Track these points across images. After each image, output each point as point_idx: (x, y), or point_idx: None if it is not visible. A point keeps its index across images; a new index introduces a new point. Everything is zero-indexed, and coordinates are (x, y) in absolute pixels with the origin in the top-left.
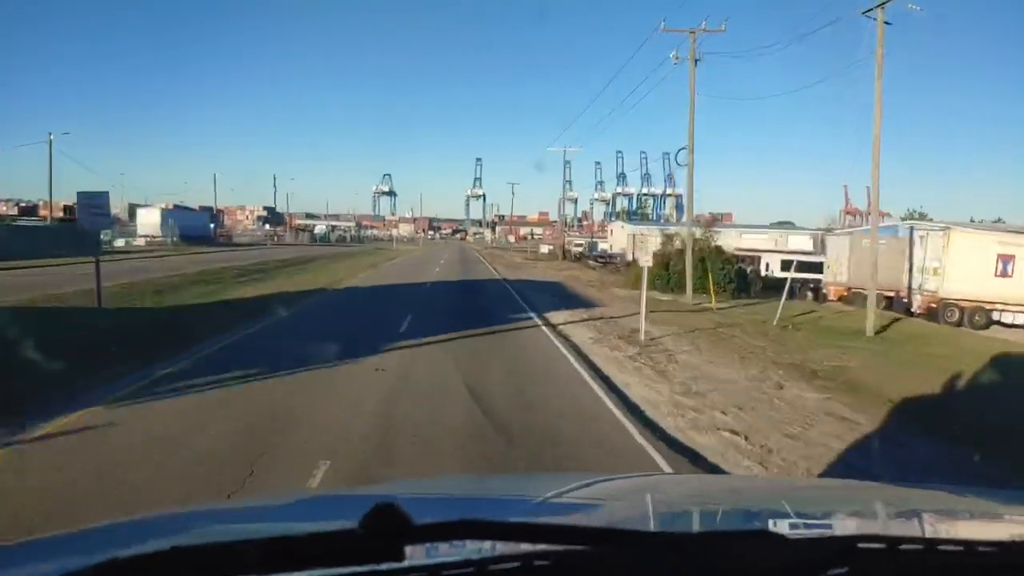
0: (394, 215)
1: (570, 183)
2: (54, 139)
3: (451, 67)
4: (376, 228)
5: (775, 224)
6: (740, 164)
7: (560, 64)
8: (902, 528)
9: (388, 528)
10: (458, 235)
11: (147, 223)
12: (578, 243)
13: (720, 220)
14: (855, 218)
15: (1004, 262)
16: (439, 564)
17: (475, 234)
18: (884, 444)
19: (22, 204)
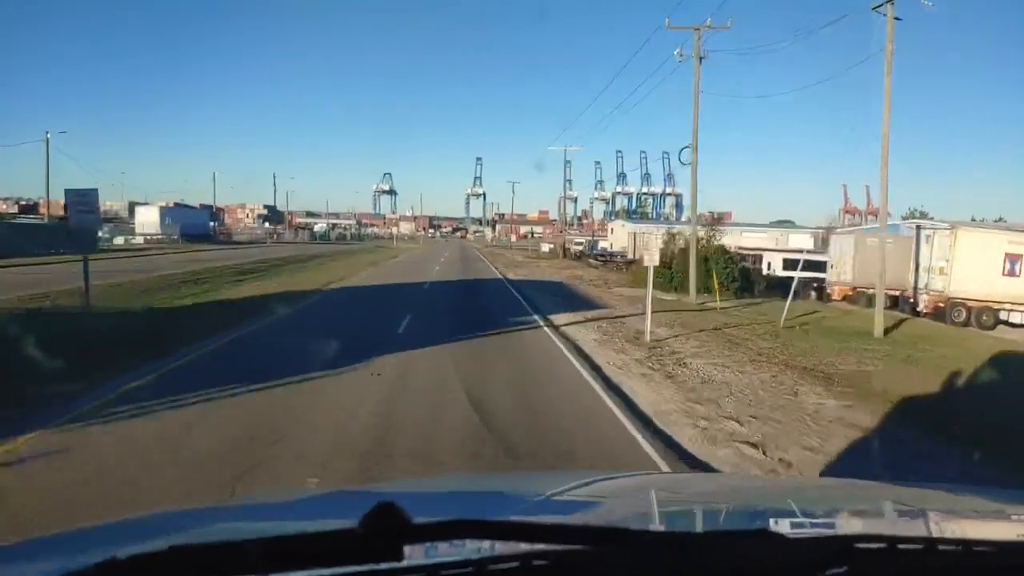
0: (395, 213)
1: (570, 182)
2: (54, 138)
3: (451, 66)
4: (376, 226)
5: (774, 223)
6: (738, 163)
7: (560, 64)
8: (901, 528)
9: (387, 527)
10: (458, 233)
11: (146, 221)
12: (578, 241)
13: (722, 219)
14: (854, 217)
15: (1012, 261)
16: (438, 564)
17: (475, 232)
18: (919, 461)
19: (22, 202)
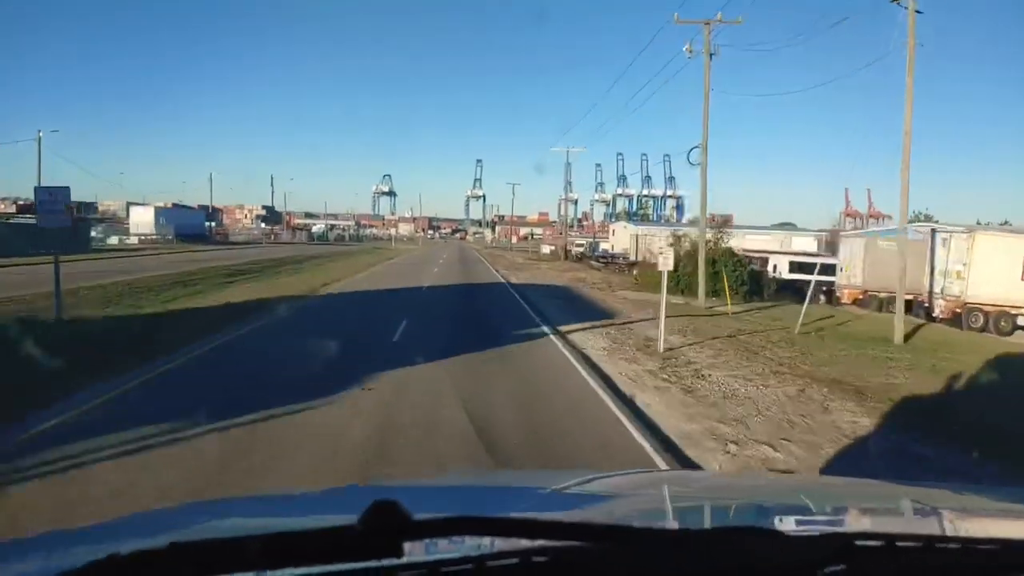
0: (394, 215)
1: (570, 184)
2: (53, 139)
3: (451, 68)
4: (376, 228)
5: (776, 225)
6: (738, 165)
7: (561, 66)
8: (901, 526)
9: (387, 524)
10: (458, 235)
11: (141, 221)
12: (579, 243)
13: (729, 222)
14: (855, 220)
15: None
16: (438, 560)
17: (475, 234)
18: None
19: (20, 202)
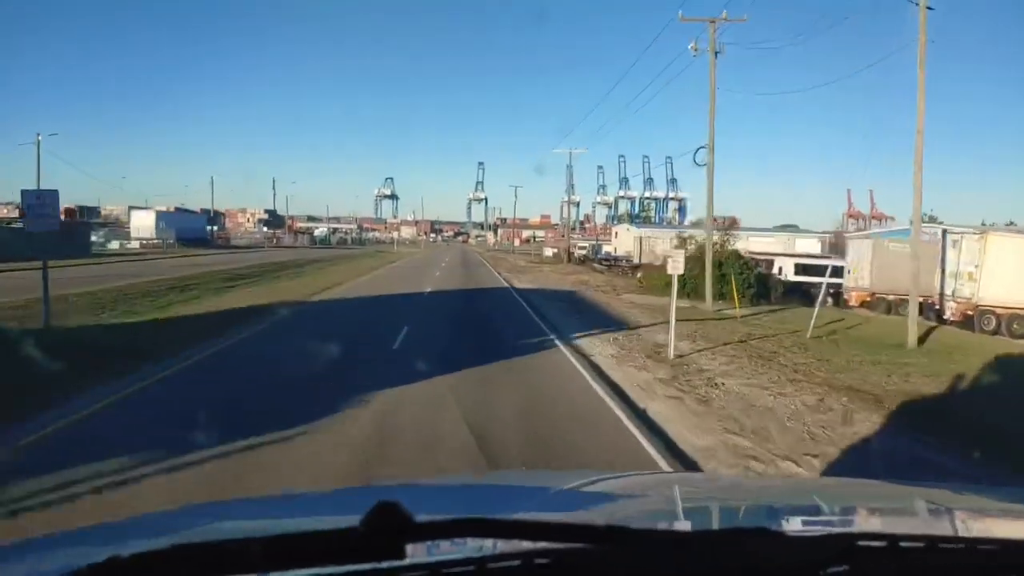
0: (396, 218)
1: (572, 186)
2: (56, 143)
3: (453, 70)
4: (378, 231)
5: (778, 227)
6: (739, 167)
7: (562, 68)
8: (903, 526)
9: (389, 526)
10: (460, 238)
11: (142, 225)
12: (582, 246)
13: (735, 224)
14: (858, 221)
15: None
16: (440, 562)
17: (477, 237)
18: None
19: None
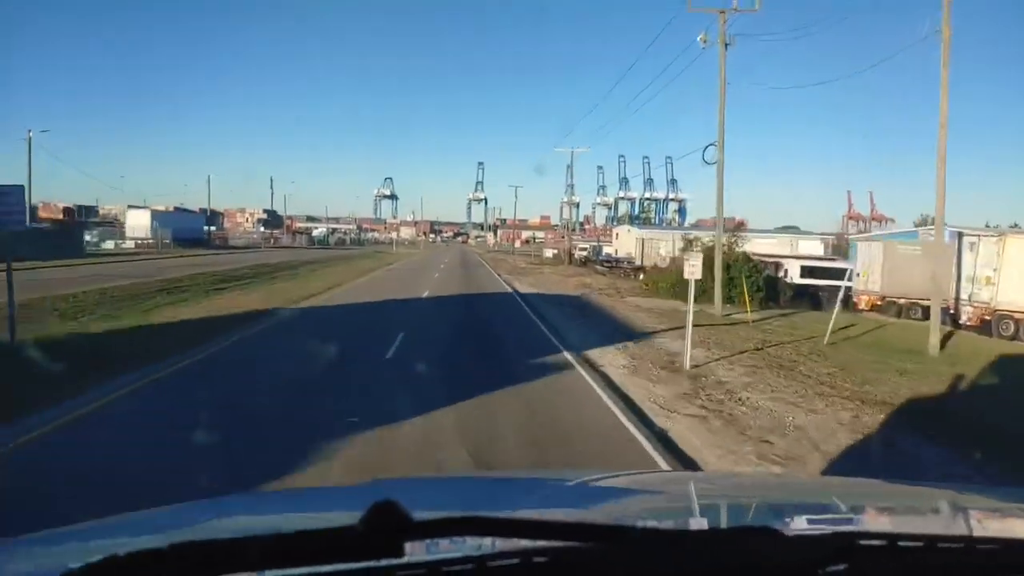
0: (395, 218)
1: (572, 187)
2: (54, 142)
3: (453, 69)
4: (377, 231)
5: (779, 229)
6: (740, 168)
7: (562, 68)
8: (902, 525)
9: (388, 524)
10: (460, 238)
11: (137, 225)
12: (582, 247)
13: (742, 225)
14: (858, 223)
15: None
16: (439, 560)
17: (477, 237)
18: None
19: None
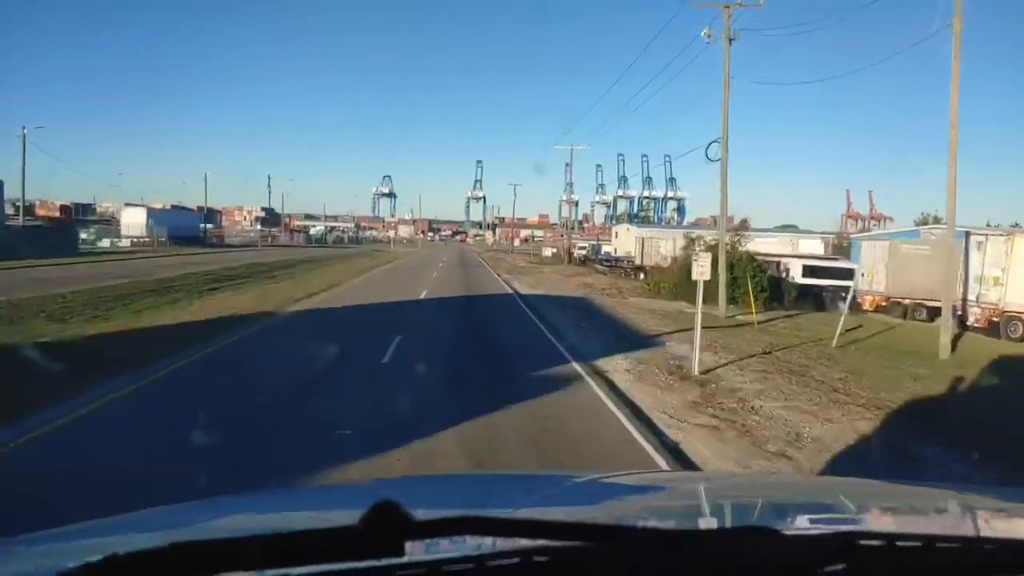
0: (394, 217)
1: (571, 185)
2: (52, 140)
3: (452, 67)
4: (375, 229)
5: (778, 228)
6: (740, 166)
7: (562, 66)
8: (901, 525)
9: (388, 524)
10: (458, 237)
11: (132, 223)
12: (582, 246)
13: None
14: (857, 222)
15: None
16: (439, 560)
17: (475, 236)
18: None
19: (16, 204)
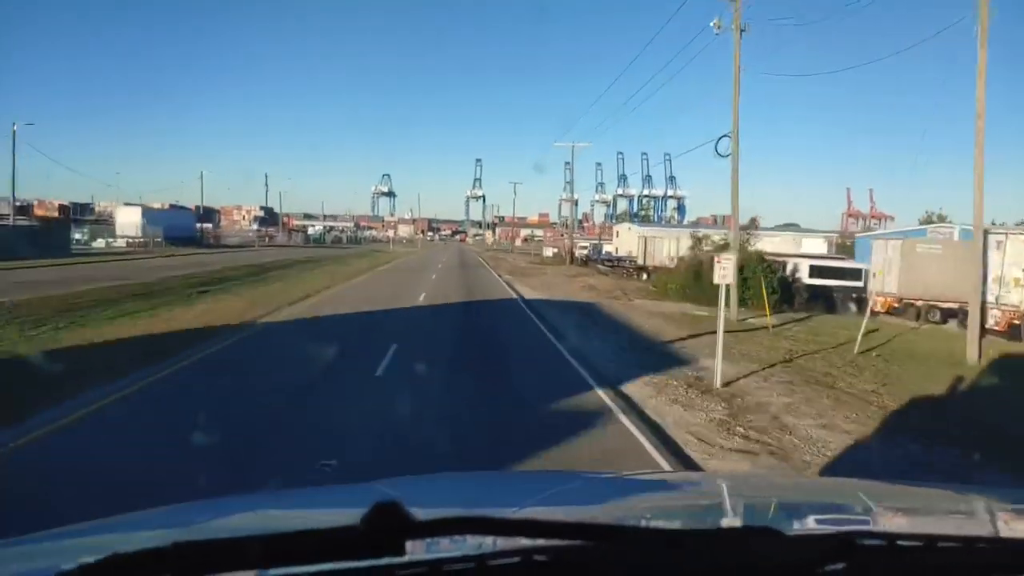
0: (393, 216)
1: (572, 184)
2: (49, 140)
3: (451, 66)
4: (375, 229)
5: (780, 226)
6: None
7: (561, 65)
8: (901, 525)
9: (389, 524)
10: (458, 236)
11: (127, 223)
12: (583, 245)
13: (755, 223)
14: (858, 221)
15: None
16: (439, 559)
17: (475, 235)
18: None
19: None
